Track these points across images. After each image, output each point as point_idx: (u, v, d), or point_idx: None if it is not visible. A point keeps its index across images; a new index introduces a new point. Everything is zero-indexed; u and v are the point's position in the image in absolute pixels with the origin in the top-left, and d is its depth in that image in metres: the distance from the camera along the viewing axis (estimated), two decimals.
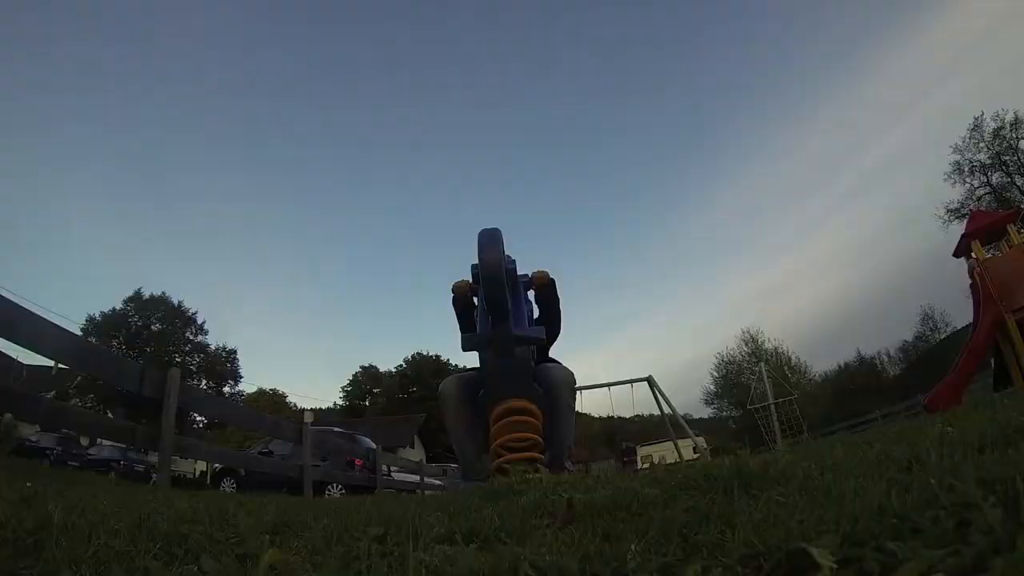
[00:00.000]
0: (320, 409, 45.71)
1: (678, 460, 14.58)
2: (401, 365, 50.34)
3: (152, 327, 34.27)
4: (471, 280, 3.49)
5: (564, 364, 3.65)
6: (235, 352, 37.10)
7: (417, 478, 11.82)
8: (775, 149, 78.41)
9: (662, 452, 20.96)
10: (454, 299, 3.69)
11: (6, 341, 2.90)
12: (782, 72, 77.13)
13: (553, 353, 3.85)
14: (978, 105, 36.25)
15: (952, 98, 49.87)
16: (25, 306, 3.03)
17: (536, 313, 3.78)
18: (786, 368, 35.74)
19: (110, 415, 21.76)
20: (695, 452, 15.88)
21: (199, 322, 35.88)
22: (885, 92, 63.93)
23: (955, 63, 53.83)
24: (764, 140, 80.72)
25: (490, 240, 2.97)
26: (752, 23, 74.62)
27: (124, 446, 15.65)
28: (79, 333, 21.84)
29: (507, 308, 3.08)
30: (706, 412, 44.33)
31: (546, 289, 3.72)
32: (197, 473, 23.02)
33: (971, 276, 8.55)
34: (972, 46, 50.93)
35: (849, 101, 69.46)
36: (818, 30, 70.02)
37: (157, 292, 35.11)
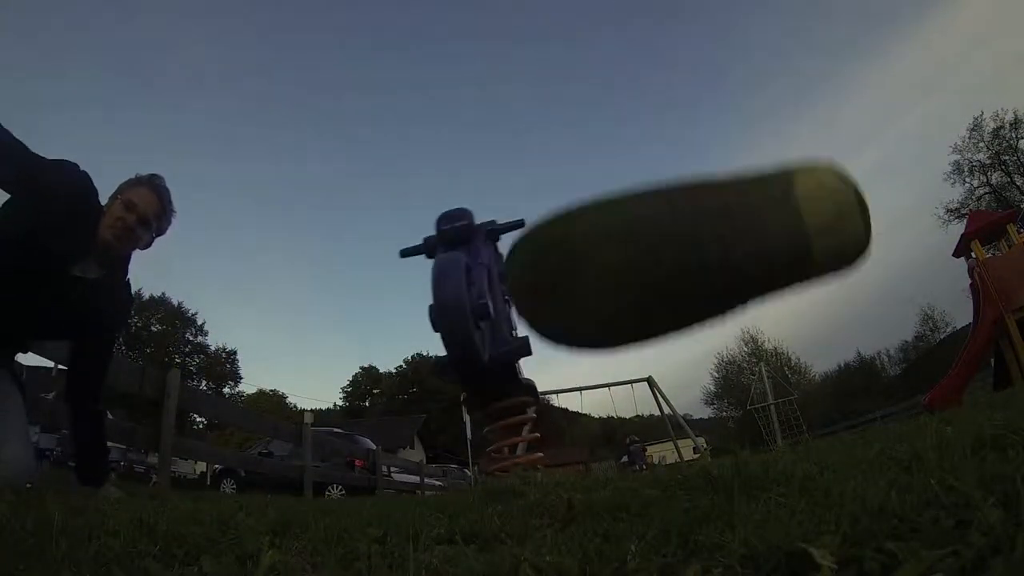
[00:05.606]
0: (320, 410, 45.69)
1: (678, 460, 14.61)
2: (401, 366, 50.38)
3: (152, 328, 34.32)
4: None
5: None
6: (235, 353, 37.25)
7: (417, 479, 11.83)
8: (775, 143, 78.43)
9: (662, 452, 21.01)
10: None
11: None
12: (799, 57, 77.24)
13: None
14: (981, 101, 36.30)
15: (953, 97, 49.88)
16: None
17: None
18: (786, 368, 35.74)
19: (110, 416, 21.71)
20: (695, 452, 15.89)
21: (199, 323, 35.99)
22: (884, 91, 63.99)
23: (959, 60, 53.86)
24: (765, 133, 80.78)
25: (446, 270, 2.30)
26: (739, 24, 74.63)
27: (124, 447, 15.63)
28: None
29: (476, 348, 2.51)
30: (706, 412, 44.34)
31: None
32: (197, 474, 23.00)
33: (971, 276, 8.57)
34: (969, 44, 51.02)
35: (848, 99, 69.55)
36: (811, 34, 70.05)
37: (157, 293, 35.23)
